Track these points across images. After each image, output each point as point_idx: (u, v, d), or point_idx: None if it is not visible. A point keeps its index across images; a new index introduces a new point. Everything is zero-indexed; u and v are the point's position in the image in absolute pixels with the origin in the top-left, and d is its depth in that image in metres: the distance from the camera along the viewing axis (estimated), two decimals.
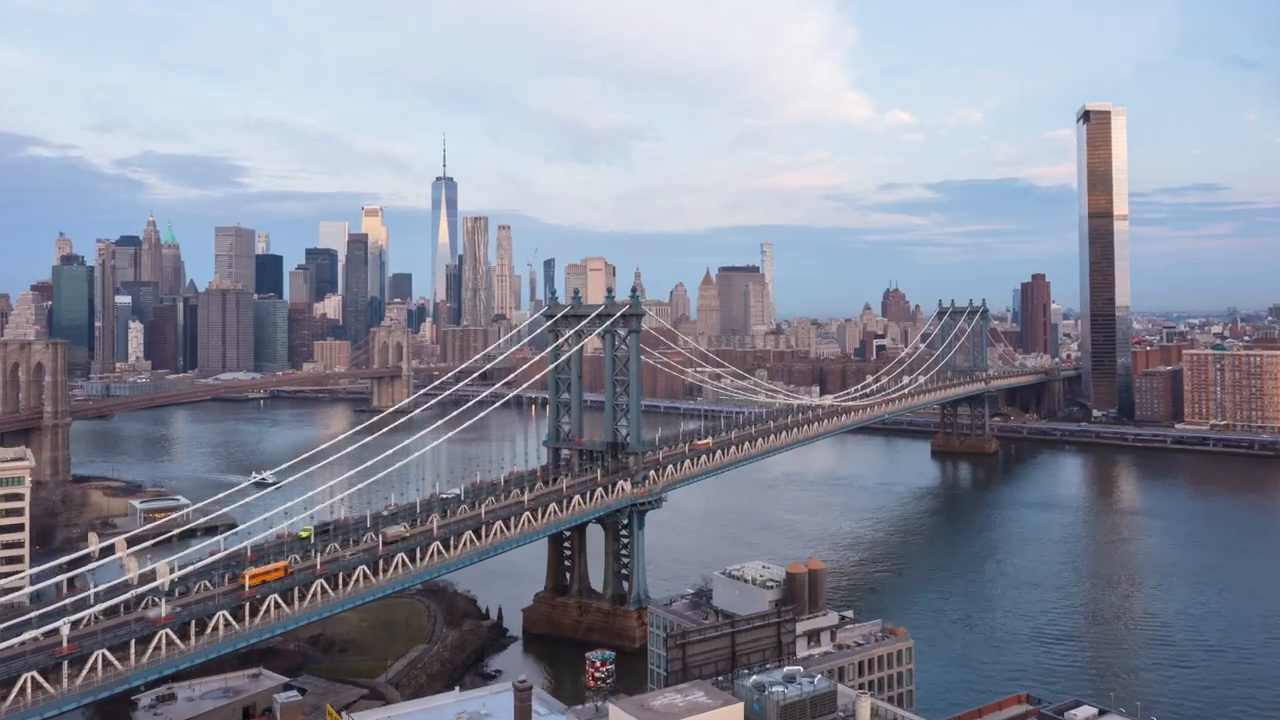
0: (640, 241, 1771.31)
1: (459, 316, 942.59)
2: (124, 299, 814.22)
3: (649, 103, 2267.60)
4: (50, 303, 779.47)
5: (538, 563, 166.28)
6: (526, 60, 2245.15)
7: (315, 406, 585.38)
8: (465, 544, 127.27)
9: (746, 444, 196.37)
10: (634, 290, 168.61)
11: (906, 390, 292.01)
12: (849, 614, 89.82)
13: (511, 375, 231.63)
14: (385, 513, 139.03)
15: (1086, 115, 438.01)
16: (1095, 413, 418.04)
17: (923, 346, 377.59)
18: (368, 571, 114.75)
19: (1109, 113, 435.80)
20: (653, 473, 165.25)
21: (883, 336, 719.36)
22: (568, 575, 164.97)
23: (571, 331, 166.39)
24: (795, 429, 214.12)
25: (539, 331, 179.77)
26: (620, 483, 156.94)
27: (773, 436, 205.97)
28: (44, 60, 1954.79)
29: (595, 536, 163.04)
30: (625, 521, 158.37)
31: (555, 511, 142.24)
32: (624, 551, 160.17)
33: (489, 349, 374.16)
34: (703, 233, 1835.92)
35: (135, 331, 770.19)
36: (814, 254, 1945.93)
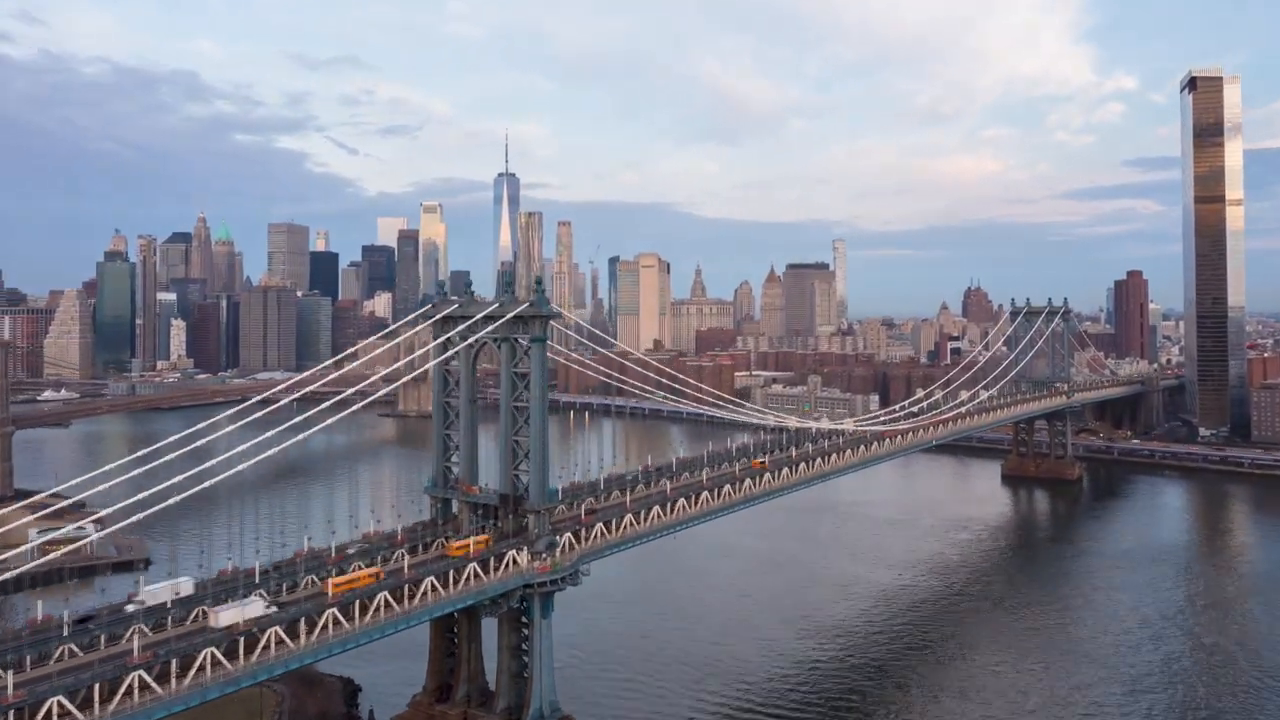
0: (750, 233, 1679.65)
1: None
2: (169, 296, 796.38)
3: (820, 68, 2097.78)
4: (94, 300, 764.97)
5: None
6: (684, 17, 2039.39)
7: (342, 409, 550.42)
8: (199, 669, 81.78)
9: (724, 490, 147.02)
10: (538, 283, 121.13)
11: (965, 408, 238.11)
12: None
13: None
14: (130, 605, 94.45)
15: (1192, 83, 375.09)
16: (1202, 431, 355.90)
17: (1003, 349, 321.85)
18: None
19: (1220, 79, 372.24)
20: (569, 536, 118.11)
21: (958, 339, 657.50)
22: (455, 672, 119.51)
23: (449, 334, 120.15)
24: (795, 467, 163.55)
25: (402, 335, 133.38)
26: (513, 553, 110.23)
27: (767, 477, 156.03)
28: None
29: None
30: (524, 605, 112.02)
31: (387, 604, 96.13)
32: (524, 646, 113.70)
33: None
34: (820, 223, 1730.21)
35: (177, 329, 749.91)
36: (943, 249, 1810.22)
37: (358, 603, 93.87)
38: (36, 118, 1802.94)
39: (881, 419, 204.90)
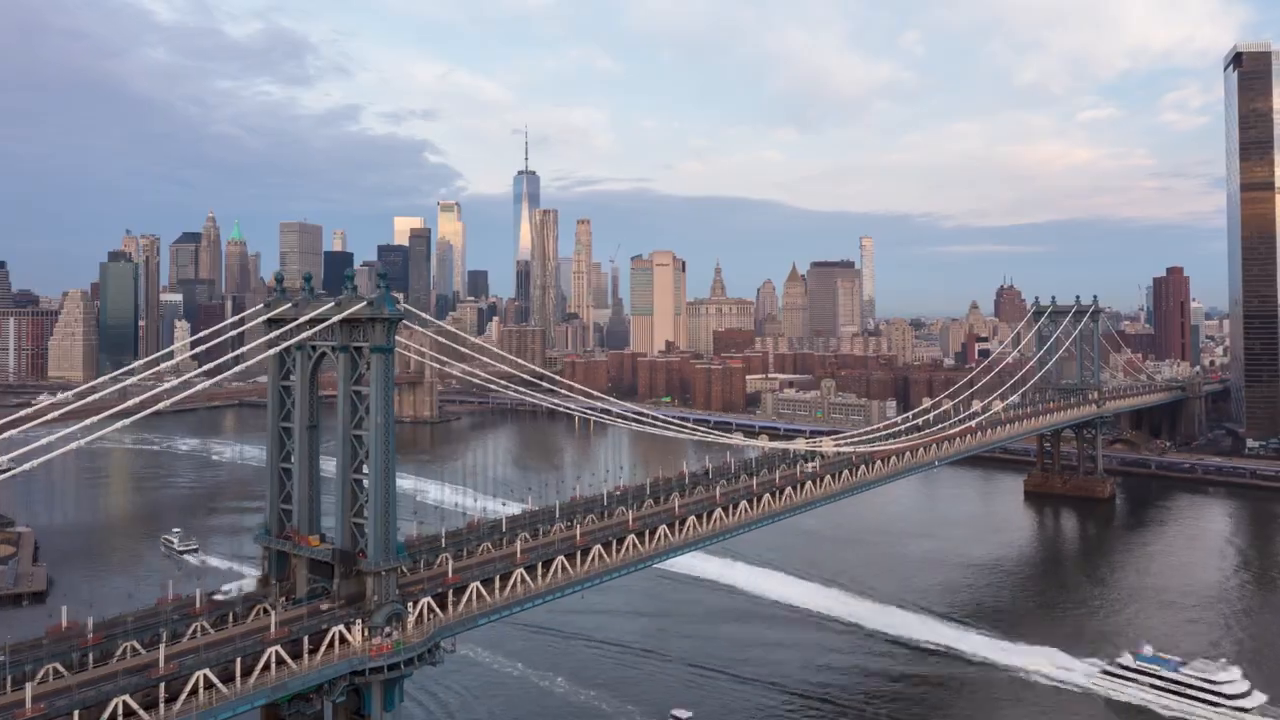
0: (801, 226, 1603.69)
1: (529, 315, 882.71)
2: (174, 297, 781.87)
3: (919, 40, 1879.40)
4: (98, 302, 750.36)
5: None
6: None
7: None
8: None
9: (658, 531, 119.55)
10: (382, 279, 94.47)
11: (975, 421, 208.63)
12: None
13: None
14: None
15: (1237, 58, 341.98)
16: (1249, 442, 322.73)
17: (1033, 351, 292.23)
18: None
19: (1269, 54, 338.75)
20: (429, 602, 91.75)
21: (985, 339, 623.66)
22: None
23: (268, 336, 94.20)
24: (756, 501, 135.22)
25: (230, 329, 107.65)
26: (339, 629, 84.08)
27: (717, 514, 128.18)
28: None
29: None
30: (360, 695, 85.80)
31: (129, 712, 70.12)
32: None
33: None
34: (879, 217, 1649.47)
35: (181, 331, 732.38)
36: (1013, 243, 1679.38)
37: (77, 714, 67.94)
38: (165, 94, 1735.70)
39: (877, 435, 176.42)
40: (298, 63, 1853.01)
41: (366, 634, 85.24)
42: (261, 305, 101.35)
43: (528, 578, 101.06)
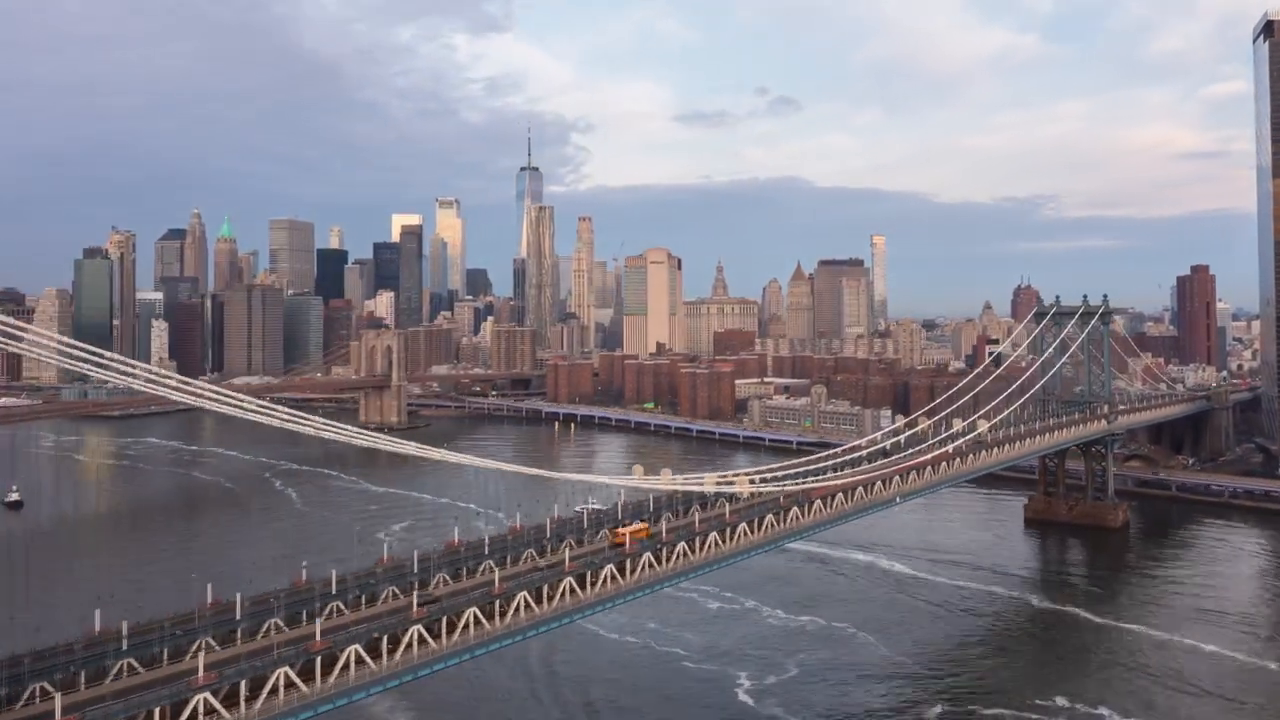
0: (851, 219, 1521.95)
1: (524, 315, 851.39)
2: (152, 295, 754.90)
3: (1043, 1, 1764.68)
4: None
5: None
6: None
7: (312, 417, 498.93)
8: None
9: (469, 615, 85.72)
10: None
11: (953, 443, 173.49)
12: None
13: None
14: None
15: (1268, 27, 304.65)
16: None
17: (1044, 356, 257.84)
18: None
19: None
20: None
21: (995, 341, 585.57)
22: None
23: None
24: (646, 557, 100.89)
25: None
26: None
27: (570, 584, 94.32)
28: None
29: None
30: None
31: None
32: None
33: None
34: (940, 207, 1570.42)
35: (159, 330, 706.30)
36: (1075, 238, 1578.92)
37: None
38: (334, 49, 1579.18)
39: (820, 466, 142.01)
40: (476, 7, 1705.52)
41: None
42: None
43: (216, 703, 67.81)
